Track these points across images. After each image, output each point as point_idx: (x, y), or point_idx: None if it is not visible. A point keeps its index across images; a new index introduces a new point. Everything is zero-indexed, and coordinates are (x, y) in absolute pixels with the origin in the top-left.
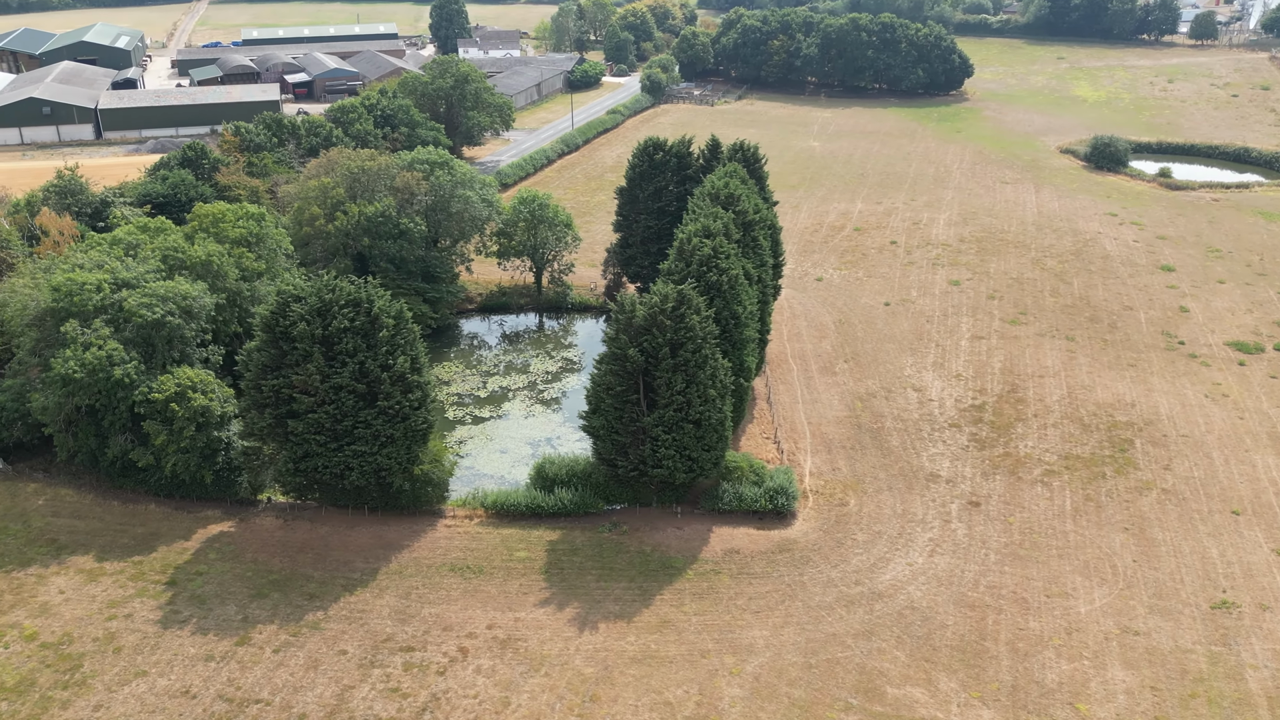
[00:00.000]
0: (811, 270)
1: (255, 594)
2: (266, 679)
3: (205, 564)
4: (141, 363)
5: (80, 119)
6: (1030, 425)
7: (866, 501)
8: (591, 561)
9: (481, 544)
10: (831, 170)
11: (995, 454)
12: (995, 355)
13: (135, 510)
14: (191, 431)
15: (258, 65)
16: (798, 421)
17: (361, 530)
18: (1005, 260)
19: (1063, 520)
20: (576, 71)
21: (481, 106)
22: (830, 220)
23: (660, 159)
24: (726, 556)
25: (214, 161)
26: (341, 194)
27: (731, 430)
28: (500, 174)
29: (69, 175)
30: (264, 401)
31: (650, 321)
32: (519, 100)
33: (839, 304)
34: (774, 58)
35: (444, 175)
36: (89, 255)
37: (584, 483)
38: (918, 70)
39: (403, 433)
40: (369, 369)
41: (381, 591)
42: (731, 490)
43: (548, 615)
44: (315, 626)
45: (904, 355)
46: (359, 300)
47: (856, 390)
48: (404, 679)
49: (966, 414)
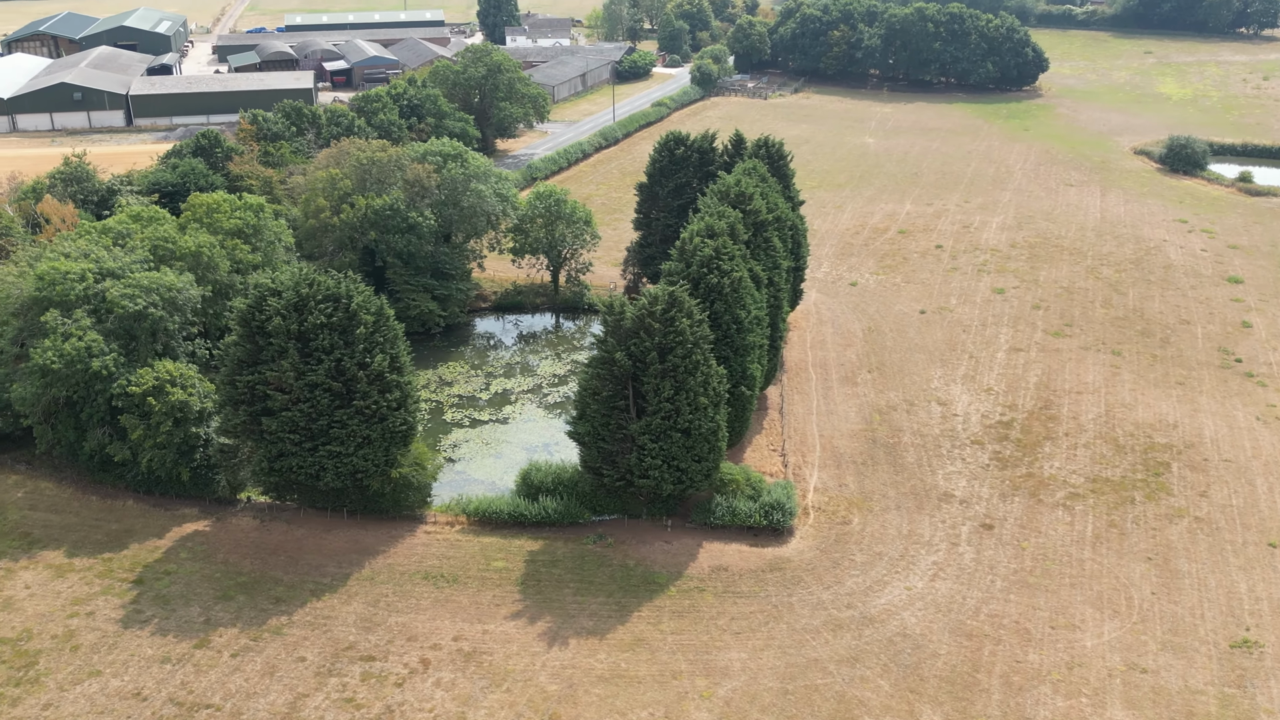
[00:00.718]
0: (847, 274)
1: (221, 596)
2: (220, 684)
3: (175, 563)
4: (122, 355)
5: (111, 105)
6: (1059, 445)
7: (871, 520)
8: (571, 574)
9: (459, 552)
10: (884, 169)
11: (1017, 474)
12: (1032, 369)
13: (113, 506)
14: (168, 427)
15: (297, 52)
16: (809, 434)
17: (338, 534)
18: (1057, 268)
19: (1081, 547)
20: (625, 62)
21: (515, 97)
22: (874, 222)
23: (681, 154)
24: (713, 574)
25: (227, 150)
26: (349, 186)
27: (726, 441)
28: (530, 168)
29: (76, 162)
30: (238, 398)
31: (638, 324)
32: (561, 91)
33: (871, 311)
34: (834, 49)
35: (456, 168)
36: (76, 244)
37: (570, 492)
38: (987, 64)
39: (380, 434)
40: (345, 367)
41: (350, 598)
42: (725, 504)
43: (517, 629)
44: (277, 632)
45: (933, 366)
46: (337, 295)
47: (877, 402)
48: (360, 689)
49: (992, 431)
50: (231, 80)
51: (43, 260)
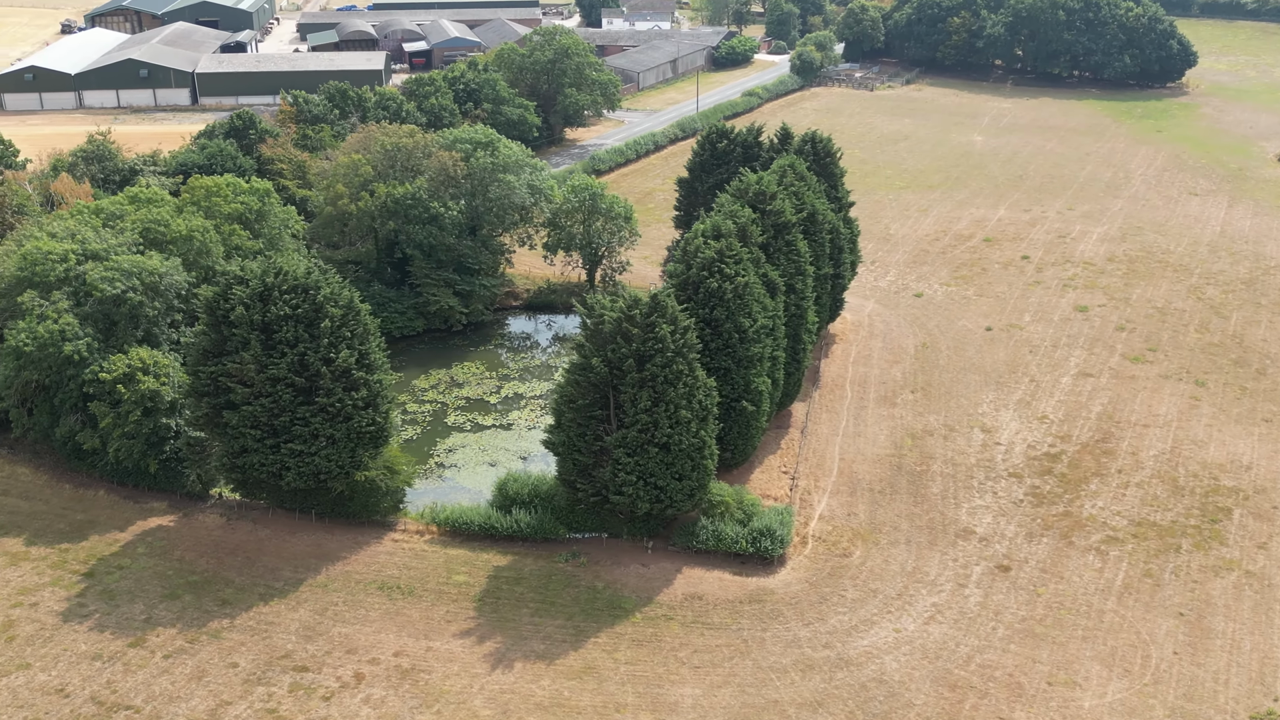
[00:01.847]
0: (914, 284)
1: (168, 594)
2: (145, 685)
3: (130, 558)
4: (97, 340)
5: (178, 83)
6: (1108, 482)
7: (874, 554)
8: (533, 593)
9: (423, 563)
10: (985, 170)
11: (1052, 513)
12: (1098, 397)
13: (84, 495)
14: (137, 416)
15: (378, 31)
16: (828, 456)
17: (302, 536)
18: (1155, 286)
19: (1105, 597)
20: (722, 48)
21: (583, 84)
22: (959, 228)
23: (724, 149)
24: (686, 601)
25: (261, 132)
26: (370, 172)
27: (714, 459)
28: (594, 159)
29: (100, 140)
30: (202, 389)
31: (616, 329)
32: (647, 78)
33: (930, 325)
34: (953, 37)
35: (485, 157)
36: (65, 224)
37: (547, 506)
38: (1124, 57)
39: (345, 434)
40: (309, 361)
41: (298, 604)
42: (710, 528)
43: (463, 647)
44: (216, 635)
45: (985, 389)
46: (304, 286)
47: (912, 425)
48: (286, 701)
49: (1035, 463)
50: (300, 60)
51: (29, 240)
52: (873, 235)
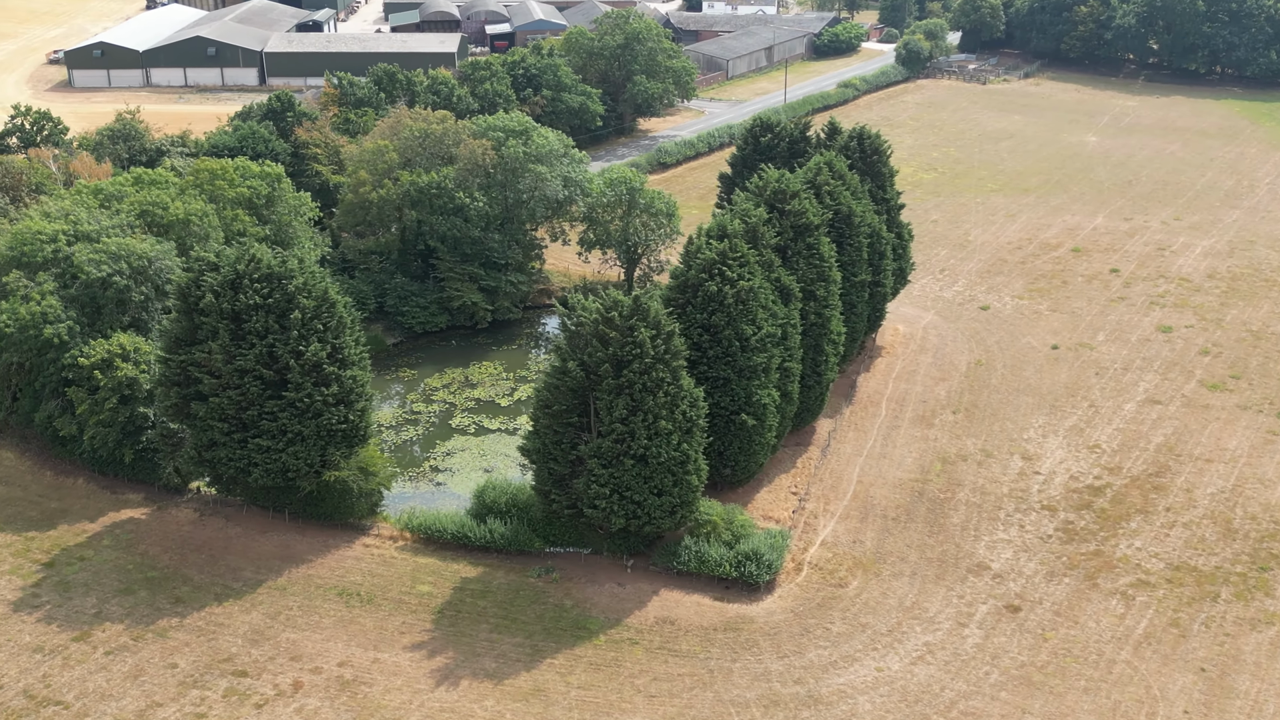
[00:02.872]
0: (983, 296)
1: (123, 589)
2: (80, 681)
3: (94, 550)
4: (79, 324)
5: (245, 62)
6: (1152, 521)
7: (873, 586)
8: (497, 608)
9: (389, 570)
10: (1091, 173)
11: (1081, 551)
12: (1162, 427)
13: (63, 484)
14: (113, 404)
15: (462, 13)
16: (845, 478)
17: (272, 536)
18: (1255, 307)
19: (1121, 646)
20: (825, 35)
21: (654, 71)
22: (1047, 235)
23: (768, 143)
24: (656, 626)
25: (299, 114)
26: (395, 159)
27: (702, 474)
28: (660, 151)
29: (127, 119)
30: (173, 378)
31: (592, 331)
32: (738, 66)
33: (990, 341)
34: (1079, 28)
35: (517, 146)
36: (60, 204)
37: (523, 516)
38: (1270, 53)
39: (314, 431)
40: (279, 354)
41: (252, 606)
42: (694, 548)
43: (411, 661)
44: (162, 634)
45: (1037, 413)
46: (277, 275)
47: (946, 449)
48: (218, 706)
49: (1074, 496)
50: (372, 41)
51: (24, 219)
52: (948, 241)
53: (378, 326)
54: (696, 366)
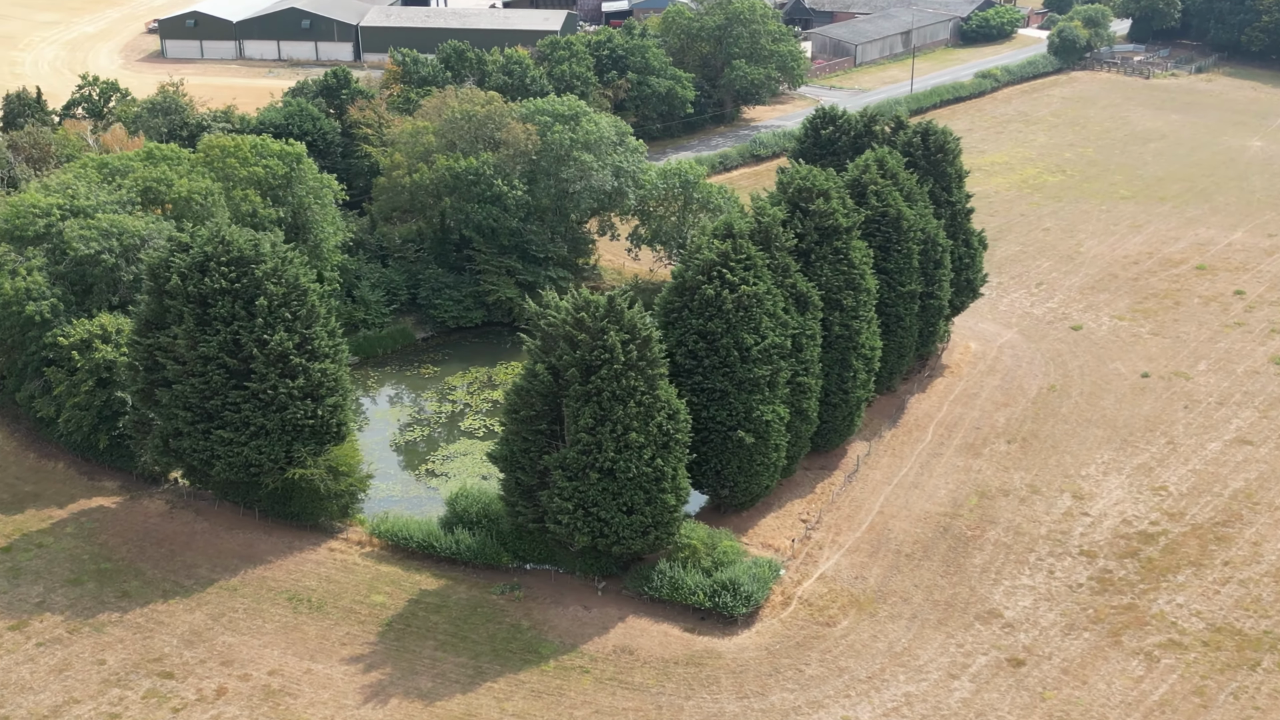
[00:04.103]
0: (1077, 314)
1: (72, 579)
2: (4, 672)
3: (55, 537)
4: (67, 302)
5: (340, 36)
6: (1204, 575)
7: (864, 626)
8: (448, 624)
9: (348, 577)
10: (1243, 183)
11: (1111, 604)
12: (1244, 471)
13: (42, 467)
14: (89, 386)
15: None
16: (865, 507)
17: (237, 534)
18: None
19: (1129, 713)
20: (973, 19)
21: (757, 56)
22: (1172, 250)
23: (828, 135)
24: (614, 655)
25: (354, 92)
26: (432, 141)
27: (681, 494)
28: (755, 142)
29: (169, 92)
30: (141, 362)
31: (559, 332)
32: (869, 51)
33: (1072, 365)
34: (1263, 18)
35: (563, 131)
36: (62, 178)
37: (493, 528)
38: None
39: (278, 425)
40: (244, 342)
41: (197, 606)
42: (668, 573)
43: (345, 674)
44: (99, 628)
45: (1104, 448)
46: (246, 258)
47: (988, 482)
48: (134, 707)
49: (1120, 543)
50: (472, 16)
51: (22, 191)
52: (1055, 251)
53: (408, 319)
54: (691, 376)
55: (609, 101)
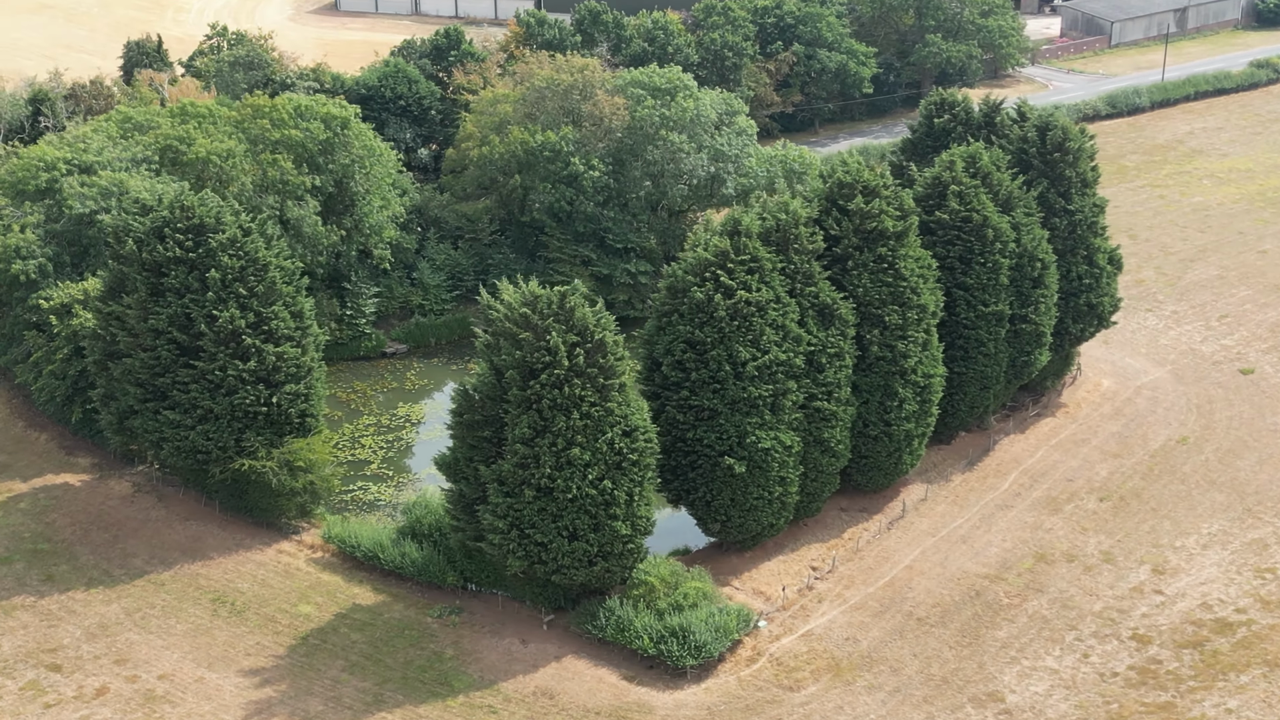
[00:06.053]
0: (1255, 355)
1: (3, 558)
2: None
3: (4, 511)
4: (58, 262)
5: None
6: (1274, 678)
7: (833, 696)
8: (367, 645)
9: (284, 583)
10: None
11: (1144, 700)
12: None
13: (27, 437)
14: (65, 353)
15: None
16: (893, 559)
17: (191, 525)
18: None
19: None
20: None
21: (958, 30)
22: None
23: (942, 126)
24: (531, 698)
25: (463, 54)
26: (508, 110)
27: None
28: None
29: (255, 46)
30: (99, 331)
31: (502, 330)
32: (1129, 31)
33: (1220, 415)
34: None
35: (653, 107)
36: (80, 131)
37: (444, 543)
38: None
39: (226, 410)
40: (194, 316)
41: (116, 598)
42: (615, 612)
43: (236, 687)
44: (8, 612)
45: (1216, 517)
46: (205, 227)
47: (1053, 545)
48: (7, 698)
49: (1188, 629)
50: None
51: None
52: (1262, 280)
53: (469, 308)
54: (678, 390)
55: (769, 77)
